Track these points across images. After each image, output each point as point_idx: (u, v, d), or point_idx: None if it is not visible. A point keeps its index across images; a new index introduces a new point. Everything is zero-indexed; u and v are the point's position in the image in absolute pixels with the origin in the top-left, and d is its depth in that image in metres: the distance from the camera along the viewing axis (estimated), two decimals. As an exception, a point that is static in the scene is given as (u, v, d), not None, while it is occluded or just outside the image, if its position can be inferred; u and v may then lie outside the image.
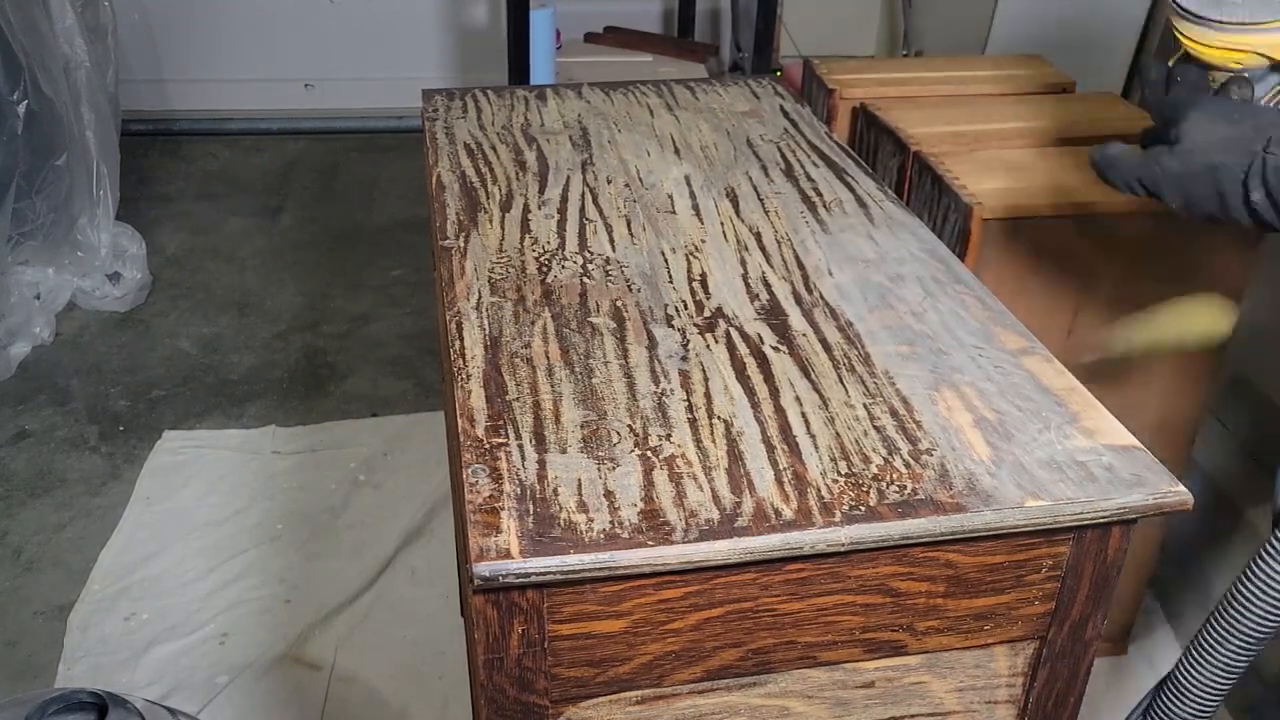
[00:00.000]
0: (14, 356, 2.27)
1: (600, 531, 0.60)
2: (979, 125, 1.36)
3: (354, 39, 3.41)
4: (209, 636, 1.65)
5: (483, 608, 0.62)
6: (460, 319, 0.80)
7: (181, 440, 2.07)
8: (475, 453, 0.66)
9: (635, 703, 0.68)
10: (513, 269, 0.87)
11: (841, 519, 0.62)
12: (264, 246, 2.79)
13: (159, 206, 2.95)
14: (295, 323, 2.47)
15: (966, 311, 0.83)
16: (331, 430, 2.11)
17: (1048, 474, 0.66)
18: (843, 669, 0.71)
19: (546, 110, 1.19)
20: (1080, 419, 0.71)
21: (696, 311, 0.82)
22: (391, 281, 2.64)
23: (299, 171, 3.20)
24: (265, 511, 1.90)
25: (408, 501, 1.92)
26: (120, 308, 2.47)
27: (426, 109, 1.19)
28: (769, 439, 0.68)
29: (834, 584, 0.66)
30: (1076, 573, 0.70)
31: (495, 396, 0.71)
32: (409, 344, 2.39)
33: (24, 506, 1.90)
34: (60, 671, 1.59)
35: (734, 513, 0.62)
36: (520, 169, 1.05)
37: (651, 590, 0.63)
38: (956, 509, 0.63)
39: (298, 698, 1.56)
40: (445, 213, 0.96)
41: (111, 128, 2.54)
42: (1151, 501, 0.65)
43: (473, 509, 0.61)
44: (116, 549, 1.81)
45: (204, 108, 3.41)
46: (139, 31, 3.27)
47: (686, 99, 1.23)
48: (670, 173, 1.05)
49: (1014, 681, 0.75)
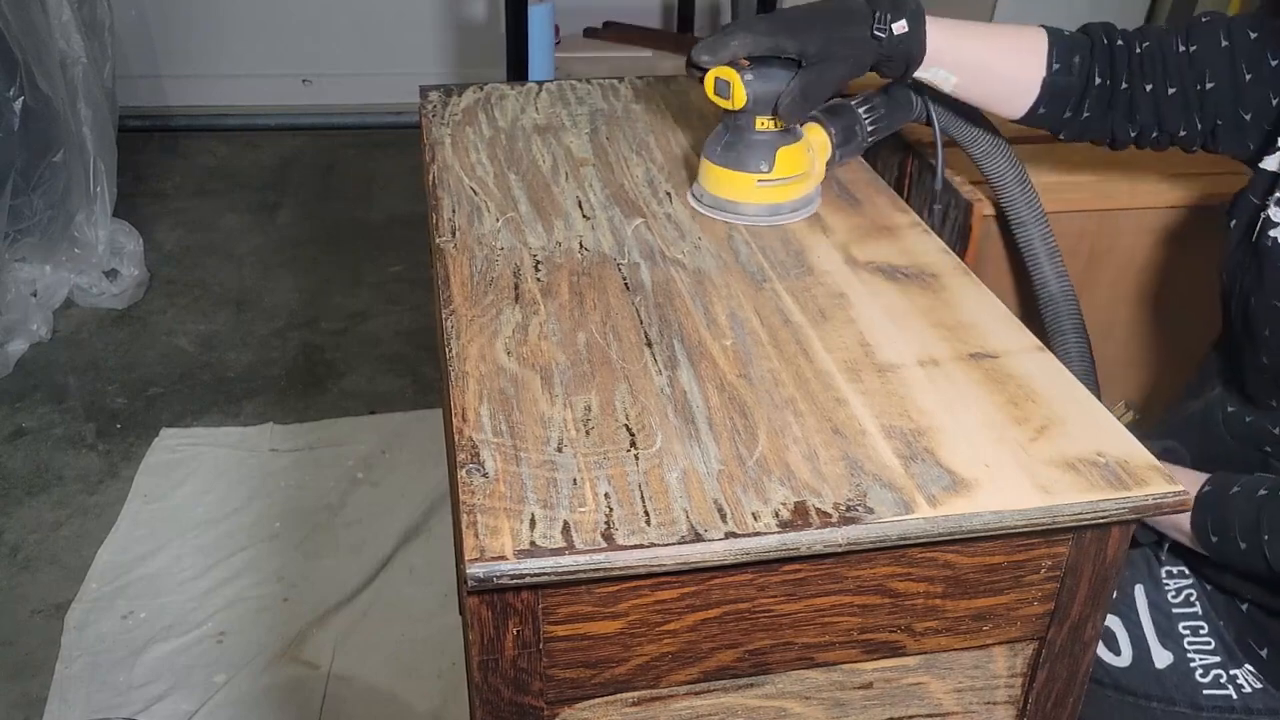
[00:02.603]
0: (11, 354, 2.26)
1: (596, 532, 0.59)
2: (978, 121, 1.35)
3: (352, 35, 3.41)
4: (206, 635, 1.65)
5: (477, 608, 0.61)
6: (456, 317, 0.79)
7: (179, 438, 2.07)
8: (470, 452, 0.65)
9: (631, 704, 0.68)
10: (510, 266, 0.86)
11: (839, 520, 0.61)
12: (261, 243, 2.78)
13: (156, 203, 2.94)
14: (293, 320, 2.46)
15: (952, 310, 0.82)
16: (329, 428, 2.11)
17: (1047, 474, 0.65)
18: (841, 670, 0.70)
19: (545, 106, 1.18)
20: (1079, 418, 0.70)
21: (699, 314, 0.81)
22: (389, 278, 2.63)
23: (297, 168, 3.19)
24: (263, 509, 1.90)
25: (406, 499, 1.91)
26: (117, 305, 2.47)
27: (424, 105, 1.18)
28: (769, 439, 0.67)
29: (832, 585, 0.66)
30: (1076, 573, 0.69)
31: (491, 395, 0.70)
32: (407, 341, 2.39)
33: (21, 504, 1.90)
34: (57, 670, 1.59)
35: (732, 513, 0.61)
36: (518, 166, 1.04)
37: (648, 591, 0.63)
38: (955, 509, 0.62)
39: (295, 696, 1.55)
40: (442, 210, 0.95)
41: (108, 124, 2.53)
42: (1151, 502, 0.64)
43: (467, 509, 0.61)
44: (114, 547, 1.81)
45: (201, 104, 3.40)
46: (136, 27, 3.26)
47: (687, 95, 1.23)
48: (670, 169, 1.04)
49: (1013, 682, 0.74)
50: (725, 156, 0.93)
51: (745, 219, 0.93)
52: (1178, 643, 0.95)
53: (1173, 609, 0.96)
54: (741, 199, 0.93)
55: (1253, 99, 0.94)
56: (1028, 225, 1.11)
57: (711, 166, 0.94)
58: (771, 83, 0.88)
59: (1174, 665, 0.94)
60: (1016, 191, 1.10)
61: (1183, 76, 0.96)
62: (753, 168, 0.92)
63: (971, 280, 0.86)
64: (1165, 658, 0.95)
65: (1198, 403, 0.99)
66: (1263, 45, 0.93)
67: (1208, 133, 0.97)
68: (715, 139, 0.94)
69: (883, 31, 0.89)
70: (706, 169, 0.95)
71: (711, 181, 0.94)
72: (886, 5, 0.89)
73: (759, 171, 0.92)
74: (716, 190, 0.94)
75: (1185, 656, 0.94)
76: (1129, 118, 0.98)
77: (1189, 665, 0.94)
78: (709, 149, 0.94)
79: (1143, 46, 0.97)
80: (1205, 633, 0.95)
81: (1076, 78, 0.97)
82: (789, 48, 0.86)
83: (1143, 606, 0.97)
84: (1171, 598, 0.97)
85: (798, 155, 0.93)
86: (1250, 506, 0.83)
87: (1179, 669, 0.94)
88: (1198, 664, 0.94)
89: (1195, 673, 0.93)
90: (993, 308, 0.83)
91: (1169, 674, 0.94)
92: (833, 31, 0.88)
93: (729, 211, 0.94)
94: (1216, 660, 0.94)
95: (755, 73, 0.88)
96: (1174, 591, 0.97)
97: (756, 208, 0.93)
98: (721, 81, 0.89)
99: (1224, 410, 0.96)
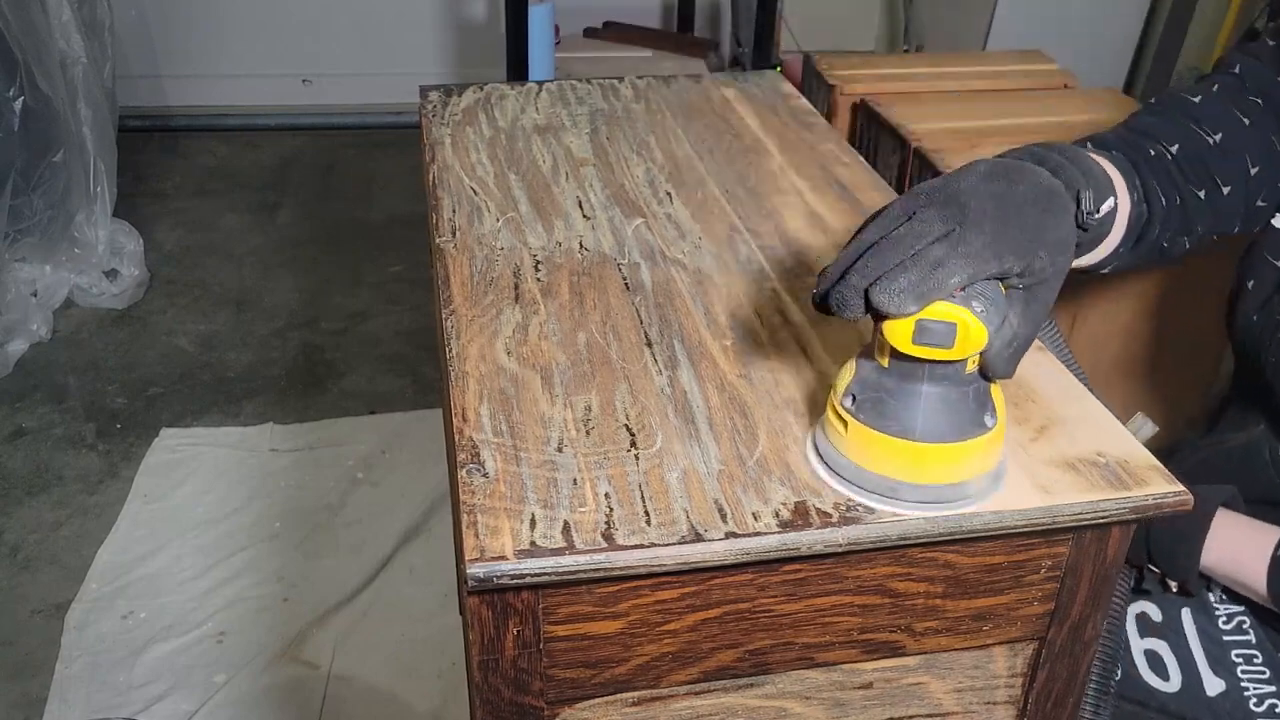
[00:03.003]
0: (11, 354, 2.26)
1: (596, 532, 0.59)
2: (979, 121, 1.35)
3: (352, 35, 3.41)
4: (206, 635, 1.65)
5: (477, 609, 0.61)
6: (456, 317, 0.79)
7: (179, 438, 2.07)
8: (470, 452, 0.65)
9: (632, 704, 0.68)
10: (510, 266, 0.86)
11: (839, 520, 0.61)
12: (261, 243, 2.78)
13: (156, 203, 2.94)
14: (293, 320, 2.46)
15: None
16: (329, 428, 2.11)
17: (1047, 474, 0.65)
18: (841, 670, 0.70)
19: (545, 106, 1.18)
20: (1079, 418, 0.70)
21: (699, 314, 0.81)
22: (389, 278, 2.63)
23: (297, 168, 3.19)
24: (263, 509, 1.90)
25: (406, 499, 1.91)
26: (118, 305, 2.47)
27: (424, 105, 1.18)
28: (769, 439, 0.67)
29: (832, 585, 0.66)
30: (1076, 573, 0.69)
31: (491, 395, 0.70)
32: (407, 341, 2.39)
33: (21, 504, 1.90)
34: (57, 670, 1.59)
35: (732, 513, 0.61)
36: (518, 166, 1.04)
37: (648, 591, 0.63)
38: (954, 509, 0.62)
39: (295, 696, 1.55)
40: (442, 210, 0.95)
41: (108, 124, 2.53)
42: (1151, 502, 0.64)
43: (467, 509, 0.61)
44: (114, 547, 1.81)
45: (201, 104, 3.40)
46: (136, 27, 3.27)
47: (687, 95, 1.23)
48: (671, 169, 1.04)
49: (1013, 682, 0.74)
50: (936, 425, 0.59)
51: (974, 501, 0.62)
52: (1230, 670, 0.93)
53: (1224, 636, 0.95)
54: (969, 475, 0.61)
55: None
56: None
57: (916, 446, 0.59)
58: (1000, 305, 0.59)
59: (1226, 693, 0.92)
60: None
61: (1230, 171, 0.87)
62: (977, 428, 0.60)
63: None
64: (1217, 685, 0.93)
65: (1239, 436, 0.96)
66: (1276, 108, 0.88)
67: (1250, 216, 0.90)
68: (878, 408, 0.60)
69: (1093, 216, 0.68)
70: (905, 452, 0.60)
71: (927, 469, 0.60)
72: (1080, 179, 0.70)
73: (985, 430, 0.60)
74: (929, 477, 0.60)
75: (1239, 685, 0.93)
76: (1185, 230, 0.88)
77: (1242, 694, 0.92)
78: (892, 423, 0.60)
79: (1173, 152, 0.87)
80: (1260, 661, 0.93)
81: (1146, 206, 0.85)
82: (1014, 268, 0.58)
83: (1191, 632, 0.95)
84: (1223, 624, 0.95)
85: (996, 390, 0.62)
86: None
87: (1231, 696, 0.92)
88: (1252, 693, 0.92)
89: (1249, 701, 0.91)
90: (993, 308, 0.82)
91: (1221, 701, 0.92)
92: (1046, 233, 0.60)
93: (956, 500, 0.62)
94: (1272, 690, 0.92)
95: (981, 301, 0.57)
96: (1225, 618, 0.95)
97: (986, 479, 0.62)
98: (941, 326, 0.56)
99: (1271, 449, 0.93)
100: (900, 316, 0.56)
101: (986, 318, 0.56)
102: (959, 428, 0.59)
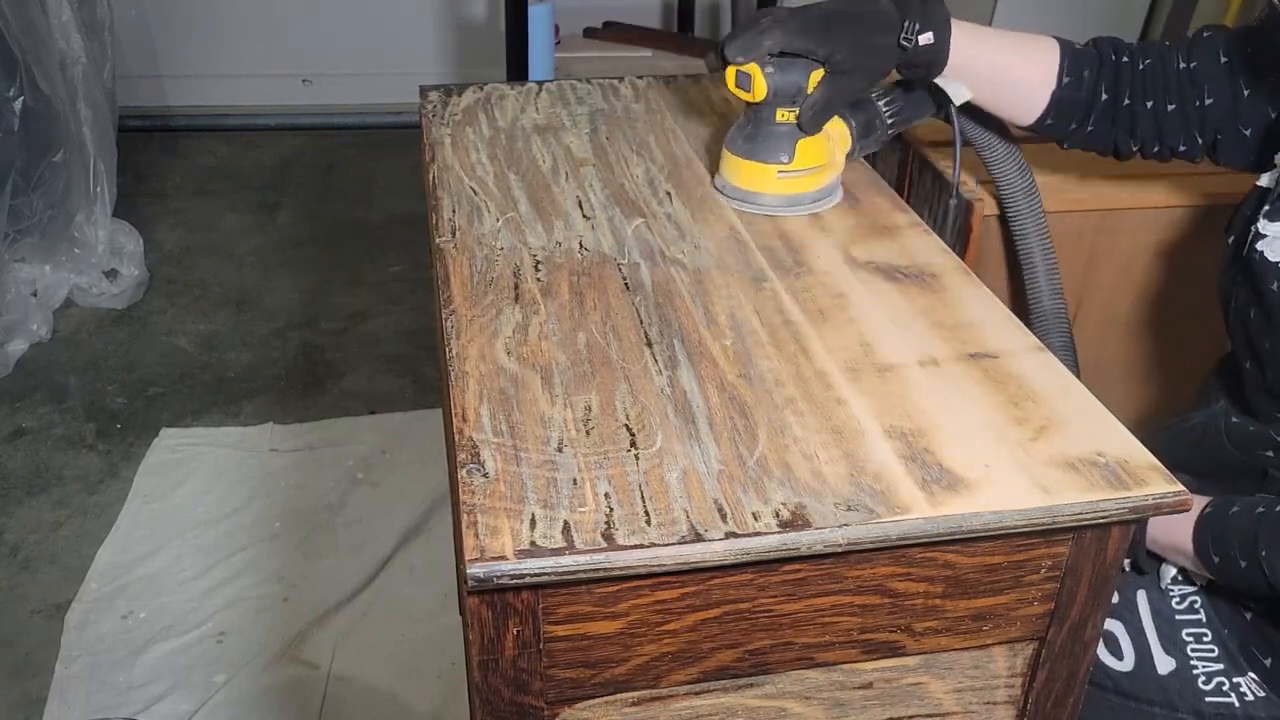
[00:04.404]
0: (11, 354, 2.26)
1: (596, 532, 0.59)
2: (978, 121, 1.35)
3: (352, 35, 3.41)
4: (206, 635, 1.65)
5: (477, 609, 0.61)
6: (456, 317, 0.79)
7: (179, 438, 2.07)
8: (470, 452, 0.65)
9: (631, 704, 0.68)
10: (510, 266, 0.86)
11: (839, 520, 0.61)
12: (261, 243, 2.78)
13: (156, 203, 2.94)
14: (293, 320, 2.46)
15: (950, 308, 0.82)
16: (329, 428, 2.11)
17: (1047, 474, 0.65)
18: (840, 670, 0.70)
19: (545, 106, 1.18)
20: (1079, 418, 0.70)
21: (699, 314, 0.81)
22: (389, 278, 2.63)
23: (296, 168, 3.19)
24: (263, 509, 1.90)
25: (406, 499, 1.91)
26: (117, 305, 2.47)
27: (424, 105, 1.18)
28: (769, 439, 0.67)
29: (831, 585, 0.66)
30: (1075, 573, 0.69)
31: (491, 395, 0.70)
32: (407, 341, 2.39)
33: (21, 504, 1.90)
34: (57, 670, 1.59)
35: (732, 513, 0.61)
36: (518, 166, 1.04)
37: (648, 591, 0.63)
38: (955, 509, 0.62)
39: (295, 696, 1.55)
40: (442, 210, 0.95)
41: (108, 124, 2.53)
42: (1151, 501, 0.64)
43: (467, 509, 0.61)
44: (114, 547, 1.81)
45: (201, 104, 3.40)
46: (136, 27, 3.26)
47: (686, 95, 1.23)
48: (670, 169, 1.04)
49: (1013, 682, 0.74)
50: (746, 148, 0.94)
51: (766, 209, 0.95)
52: (1181, 649, 0.95)
53: (1176, 615, 0.96)
54: (762, 189, 0.94)
55: (1252, 115, 0.94)
56: (1029, 237, 1.11)
57: (733, 158, 0.95)
58: (792, 75, 0.89)
59: (1176, 671, 0.94)
60: (1022, 202, 1.10)
61: (1182, 93, 0.97)
62: (773, 159, 0.93)
63: (971, 280, 0.86)
64: (1168, 664, 0.94)
65: (1200, 414, 0.99)
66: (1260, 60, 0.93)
67: (1209, 147, 0.98)
68: (737, 130, 0.95)
69: (909, 42, 0.90)
70: (728, 160, 0.96)
71: (733, 172, 0.96)
72: (916, 13, 0.90)
73: (779, 163, 0.93)
74: (737, 181, 0.95)
75: (1188, 663, 0.94)
76: (1131, 133, 1.00)
77: (1192, 672, 0.93)
78: (731, 140, 0.96)
79: (1145, 63, 0.98)
80: (1209, 640, 0.95)
81: (1084, 92, 0.98)
82: (818, 52, 0.88)
83: (1145, 611, 0.97)
84: (1175, 604, 0.97)
85: (818, 147, 0.94)
86: (1249, 523, 0.84)
87: (1181, 675, 0.93)
88: (1200, 671, 0.93)
89: (1198, 680, 0.93)
90: (992, 308, 0.83)
91: (1171, 680, 0.94)
92: (861, 39, 0.89)
93: (750, 202, 0.95)
94: (1220, 668, 0.93)
95: (776, 65, 0.89)
96: (1178, 598, 0.97)
97: (776, 198, 0.95)
98: (743, 74, 0.90)
99: (1226, 420, 0.96)
100: (733, 64, 0.89)
101: (772, 78, 0.89)
102: (759, 153, 0.93)
